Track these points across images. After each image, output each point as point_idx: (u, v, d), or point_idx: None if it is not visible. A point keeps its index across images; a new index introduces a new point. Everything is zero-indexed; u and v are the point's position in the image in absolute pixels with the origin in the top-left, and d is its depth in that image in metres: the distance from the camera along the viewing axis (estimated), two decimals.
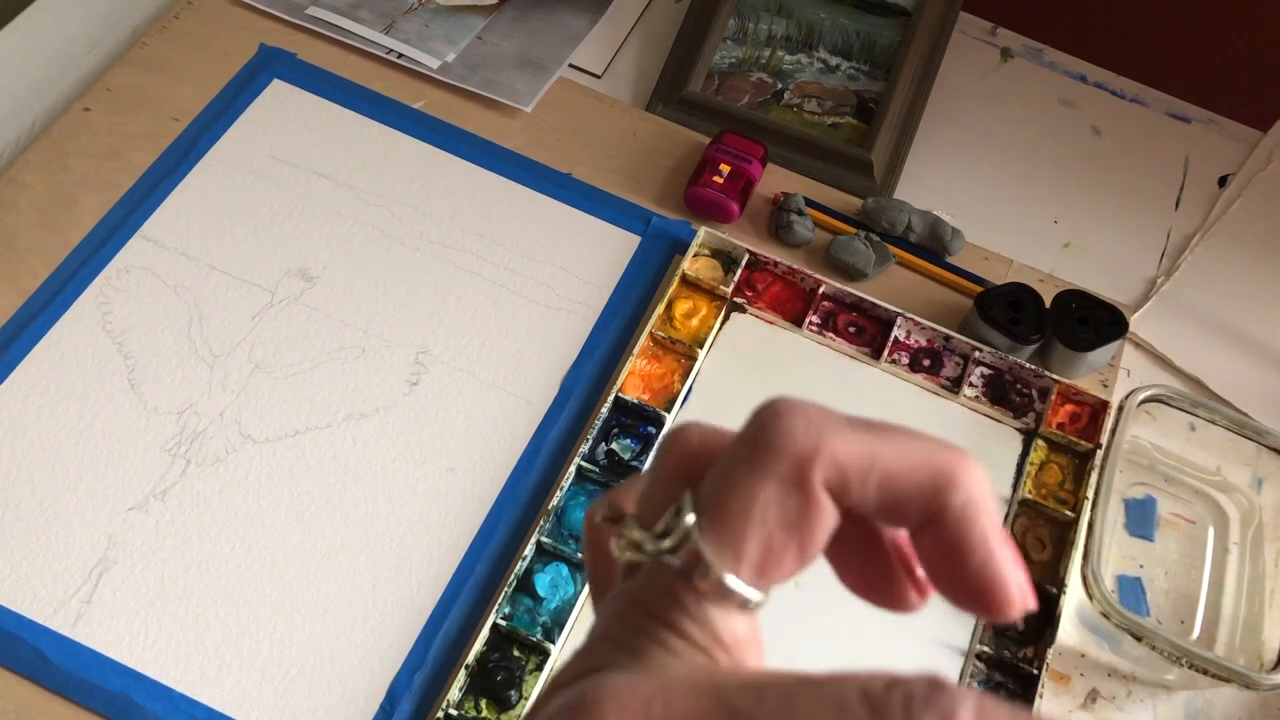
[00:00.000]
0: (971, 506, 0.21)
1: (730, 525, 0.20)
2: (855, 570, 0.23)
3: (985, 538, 0.21)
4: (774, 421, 0.21)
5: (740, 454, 0.21)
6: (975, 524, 0.21)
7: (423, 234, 0.71)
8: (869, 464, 0.20)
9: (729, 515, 0.20)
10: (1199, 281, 0.77)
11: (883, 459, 0.20)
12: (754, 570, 0.20)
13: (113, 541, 0.58)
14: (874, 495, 0.21)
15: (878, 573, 0.23)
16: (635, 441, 0.63)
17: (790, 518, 0.20)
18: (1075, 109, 0.84)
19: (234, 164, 0.72)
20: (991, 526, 0.21)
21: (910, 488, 0.21)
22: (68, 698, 0.54)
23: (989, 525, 0.21)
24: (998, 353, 0.67)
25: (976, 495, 0.21)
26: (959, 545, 0.21)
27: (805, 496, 0.20)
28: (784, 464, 0.20)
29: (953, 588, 0.21)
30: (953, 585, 0.21)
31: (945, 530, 0.21)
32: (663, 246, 0.72)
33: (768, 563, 0.20)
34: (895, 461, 0.21)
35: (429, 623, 0.58)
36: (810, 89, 0.80)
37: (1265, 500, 0.65)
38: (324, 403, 0.64)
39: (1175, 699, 0.61)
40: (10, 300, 0.65)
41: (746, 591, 0.20)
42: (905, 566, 0.23)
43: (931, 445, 0.21)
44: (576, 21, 0.83)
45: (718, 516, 0.20)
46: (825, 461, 0.20)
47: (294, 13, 0.78)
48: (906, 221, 0.73)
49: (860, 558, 0.23)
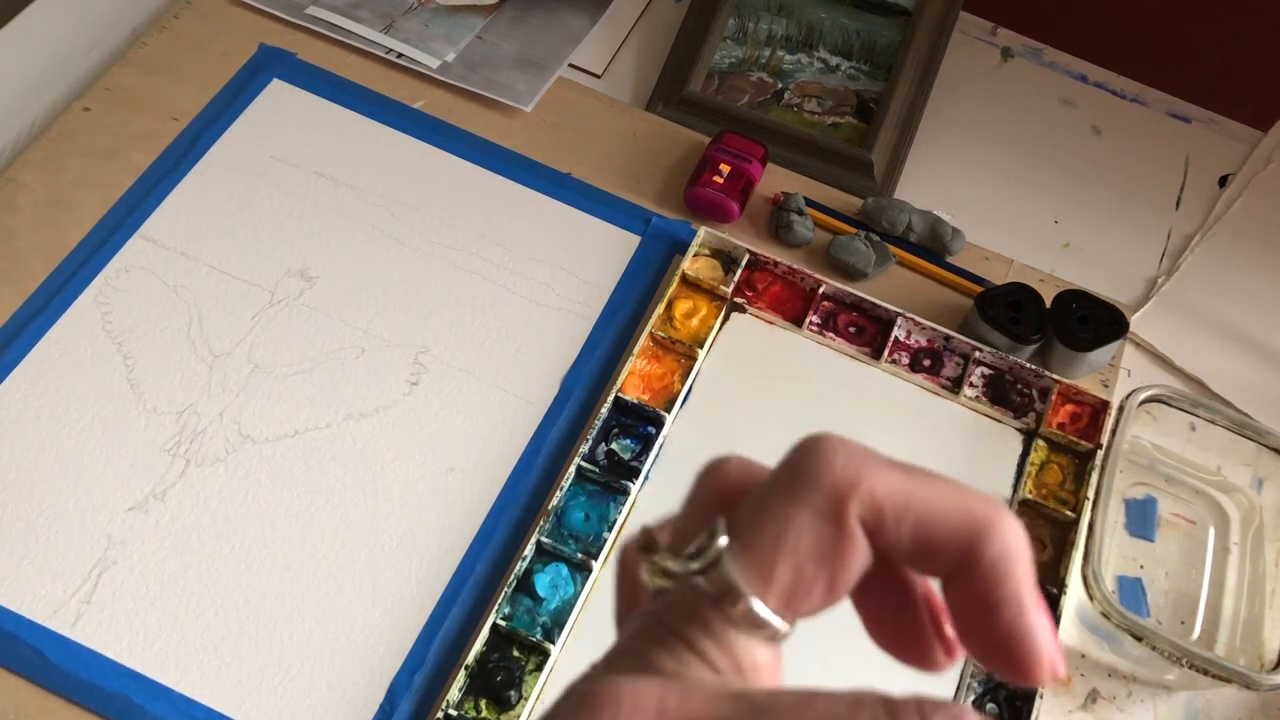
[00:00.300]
0: (1006, 559, 0.20)
1: (762, 551, 0.20)
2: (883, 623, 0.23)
3: (1018, 593, 0.20)
4: (814, 453, 0.21)
5: (778, 483, 0.21)
6: (1009, 577, 0.20)
7: (423, 234, 0.71)
8: (906, 503, 0.20)
9: (762, 541, 0.20)
10: (1199, 281, 0.77)
11: (920, 500, 0.20)
12: (782, 599, 0.20)
13: (112, 541, 0.58)
14: (909, 535, 0.20)
15: (906, 628, 0.22)
16: (635, 441, 0.63)
17: (823, 549, 0.20)
18: (1075, 109, 0.84)
19: (234, 164, 0.72)
20: (1025, 583, 0.20)
21: (945, 531, 0.20)
22: (67, 698, 0.54)
23: (1022, 581, 0.20)
24: (998, 353, 0.67)
25: (1012, 549, 0.20)
26: (990, 598, 0.20)
27: (840, 529, 0.20)
28: (821, 495, 0.20)
29: (981, 644, 0.21)
30: (981, 641, 0.21)
31: (977, 581, 0.20)
32: (663, 246, 0.72)
33: (797, 593, 0.20)
34: (933, 504, 0.20)
35: (429, 623, 0.58)
36: (810, 89, 0.80)
37: (1266, 500, 0.65)
38: (324, 403, 0.64)
39: (1175, 699, 0.61)
40: (10, 300, 0.65)
41: (773, 619, 0.20)
42: (935, 624, 0.22)
43: (970, 494, 0.21)
44: (576, 21, 0.83)
45: (751, 542, 0.20)
46: (862, 496, 0.20)
47: (293, 12, 0.78)
48: (907, 221, 0.73)
49: (890, 611, 0.22)
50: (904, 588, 0.22)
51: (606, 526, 0.60)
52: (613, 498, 0.61)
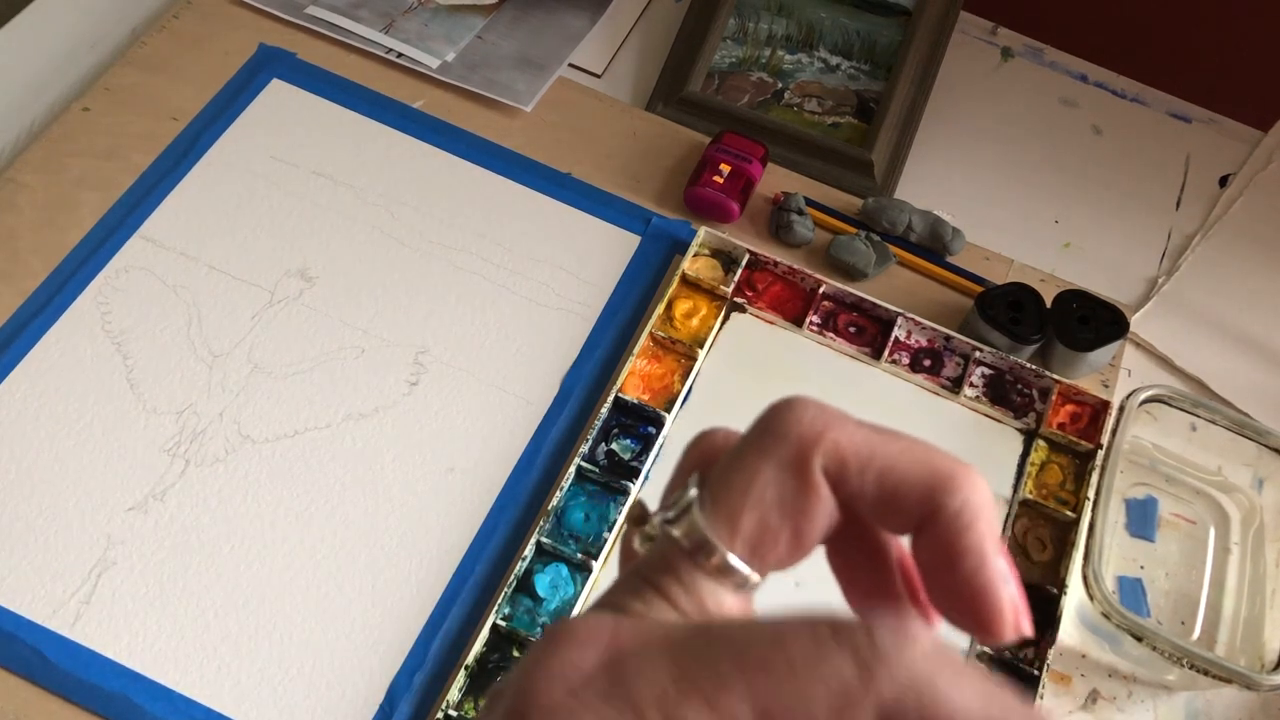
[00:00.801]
0: (969, 510, 0.21)
1: (729, 502, 0.21)
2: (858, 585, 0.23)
3: (980, 544, 0.20)
4: (783, 410, 0.21)
5: (748, 439, 0.22)
6: (970, 529, 0.20)
7: (422, 234, 0.70)
8: (869, 455, 0.21)
9: (729, 493, 0.21)
10: (1200, 281, 0.77)
11: (884, 453, 0.21)
12: (748, 548, 0.21)
13: (112, 542, 0.58)
14: (872, 486, 0.21)
15: (880, 590, 0.23)
16: (635, 441, 0.63)
17: (787, 499, 0.21)
18: (1076, 109, 0.84)
19: (233, 164, 0.72)
20: (988, 534, 0.21)
21: (908, 483, 0.21)
22: (67, 698, 0.54)
23: (985, 532, 0.21)
24: (998, 353, 0.67)
25: (975, 501, 0.21)
26: (952, 549, 0.20)
27: (803, 479, 0.21)
28: (786, 447, 0.21)
29: (946, 599, 0.21)
30: (946, 596, 0.21)
31: (940, 532, 0.21)
32: (663, 246, 0.72)
33: (763, 542, 0.21)
34: (896, 456, 0.21)
35: (429, 623, 0.58)
36: (810, 89, 0.80)
37: (1266, 500, 0.65)
38: (323, 403, 0.63)
39: (1176, 700, 0.61)
40: (9, 300, 0.65)
41: (740, 567, 0.21)
42: (909, 587, 0.23)
43: (935, 451, 0.21)
44: (576, 21, 0.82)
45: (720, 494, 0.21)
46: (826, 447, 0.21)
47: (293, 12, 0.78)
48: (907, 221, 0.73)
49: (864, 572, 0.23)
50: (878, 550, 0.23)
51: (606, 527, 0.60)
52: (613, 498, 0.61)
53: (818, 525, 0.21)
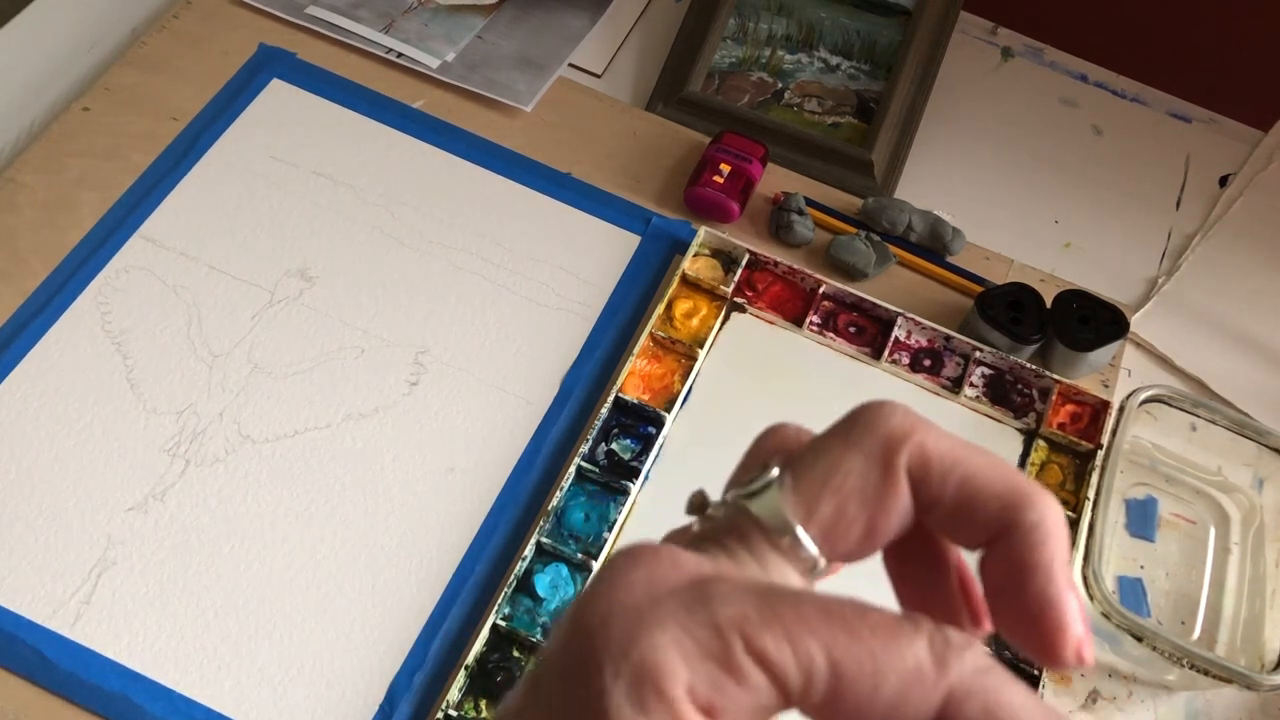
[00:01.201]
0: (1043, 528, 0.21)
1: (810, 484, 0.21)
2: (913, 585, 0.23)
3: (1050, 562, 0.21)
4: (875, 407, 0.22)
5: (836, 429, 0.22)
6: (1044, 545, 0.21)
7: (422, 234, 0.70)
8: (954, 461, 0.21)
9: (811, 476, 0.21)
10: (1200, 281, 0.77)
11: (967, 463, 0.21)
12: (821, 531, 0.21)
13: (112, 542, 0.58)
14: (953, 493, 0.21)
15: (935, 592, 0.23)
16: (635, 442, 0.63)
17: (867, 490, 0.21)
18: (1076, 108, 0.84)
19: (233, 164, 0.72)
20: (1059, 556, 0.21)
21: (988, 493, 0.21)
22: (67, 698, 0.54)
23: (1056, 553, 0.21)
24: (998, 353, 0.67)
25: (1050, 520, 0.21)
26: (1023, 563, 0.21)
27: (886, 474, 0.21)
28: (874, 441, 0.21)
29: (1010, 613, 0.21)
30: (1010, 609, 0.21)
31: (1013, 547, 0.21)
32: (663, 246, 0.72)
33: (837, 528, 0.21)
34: (979, 467, 0.21)
35: (429, 623, 0.58)
36: (810, 88, 0.80)
37: (1266, 500, 0.65)
38: (323, 403, 0.63)
39: (1176, 700, 0.61)
40: (9, 300, 0.65)
41: (811, 548, 0.21)
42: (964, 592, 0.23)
43: (1016, 471, 0.22)
44: (576, 21, 0.82)
45: (801, 475, 0.21)
46: (912, 448, 0.21)
47: (293, 12, 0.78)
48: (907, 221, 0.73)
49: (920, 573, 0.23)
50: (938, 555, 0.23)
51: (606, 527, 0.60)
52: (613, 498, 0.61)
53: (893, 521, 0.21)
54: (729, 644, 0.18)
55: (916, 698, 0.18)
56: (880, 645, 0.18)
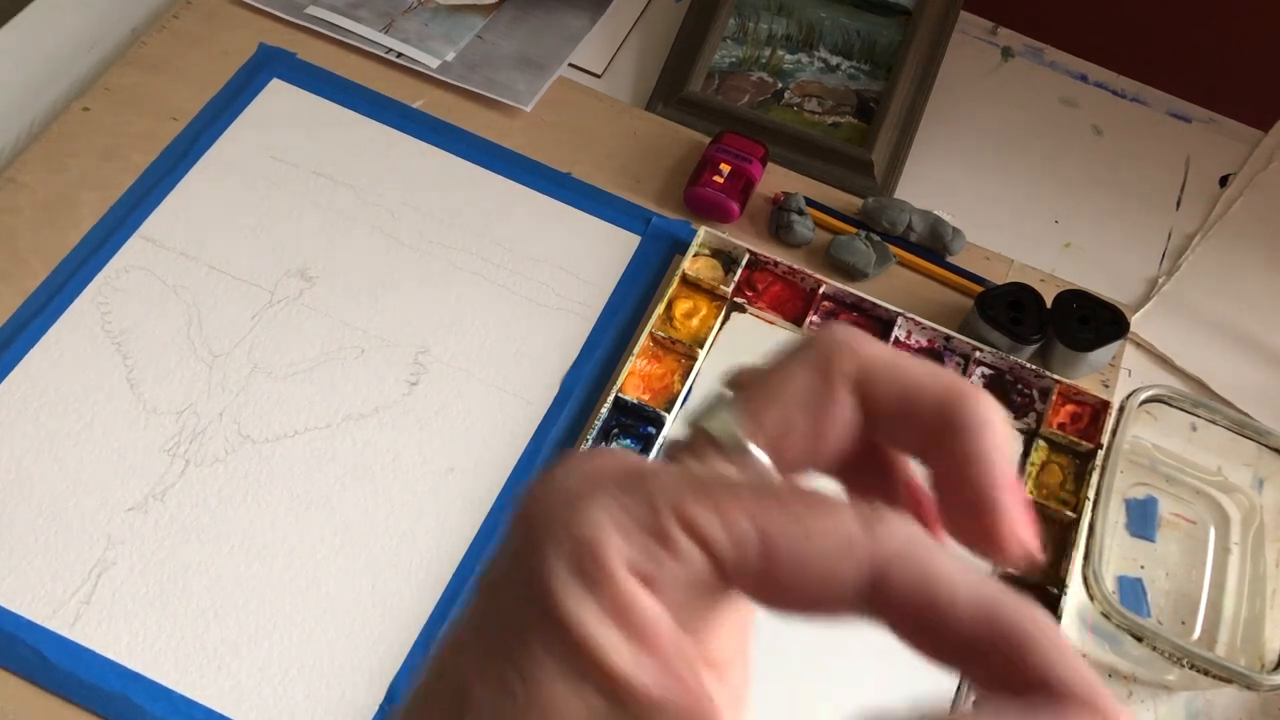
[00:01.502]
0: (977, 419, 0.21)
1: (756, 398, 0.22)
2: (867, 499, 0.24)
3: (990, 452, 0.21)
4: (821, 328, 0.23)
5: (784, 350, 0.23)
6: (980, 436, 0.21)
7: (422, 234, 0.70)
8: (894, 368, 0.22)
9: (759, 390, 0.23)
10: (1200, 281, 0.77)
11: (907, 368, 0.22)
12: (770, 442, 0.22)
13: (112, 542, 0.58)
14: (894, 396, 0.22)
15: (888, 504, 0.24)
16: (635, 442, 0.63)
17: (810, 397, 0.22)
18: (1076, 108, 0.84)
19: (233, 164, 0.72)
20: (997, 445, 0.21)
21: (926, 395, 0.22)
22: (67, 698, 0.54)
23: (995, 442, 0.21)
24: (998, 353, 0.67)
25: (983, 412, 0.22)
26: (963, 456, 0.21)
27: (826, 379, 0.22)
28: (815, 352, 0.22)
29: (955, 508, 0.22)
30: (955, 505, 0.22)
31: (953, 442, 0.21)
32: (663, 246, 0.72)
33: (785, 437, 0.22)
34: (917, 372, 0.22)
35: (429, 623, 0.58)
36: (810, 88, 0.80)
37: (1266, 500, 0.65)
38: (323, 403, 0.63)
39: (1176, 700, 0.61)
40: (9, 300, 0.65)
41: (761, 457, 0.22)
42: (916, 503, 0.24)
43: (955, 374, 0.22)
44: (576, 21, 0.82)
45: (750, 392, 0.23)
46: (851, 355, 0.22)
47: (293, 12, 0.78)
48: (907, 221, 0.73)
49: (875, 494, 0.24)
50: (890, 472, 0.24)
51: None
52: None
53: (838, 427, 0.22)
54: (662, 517, 0.19)
55: (847, 567, 0.19)
56: (810, 515, 0.19)
